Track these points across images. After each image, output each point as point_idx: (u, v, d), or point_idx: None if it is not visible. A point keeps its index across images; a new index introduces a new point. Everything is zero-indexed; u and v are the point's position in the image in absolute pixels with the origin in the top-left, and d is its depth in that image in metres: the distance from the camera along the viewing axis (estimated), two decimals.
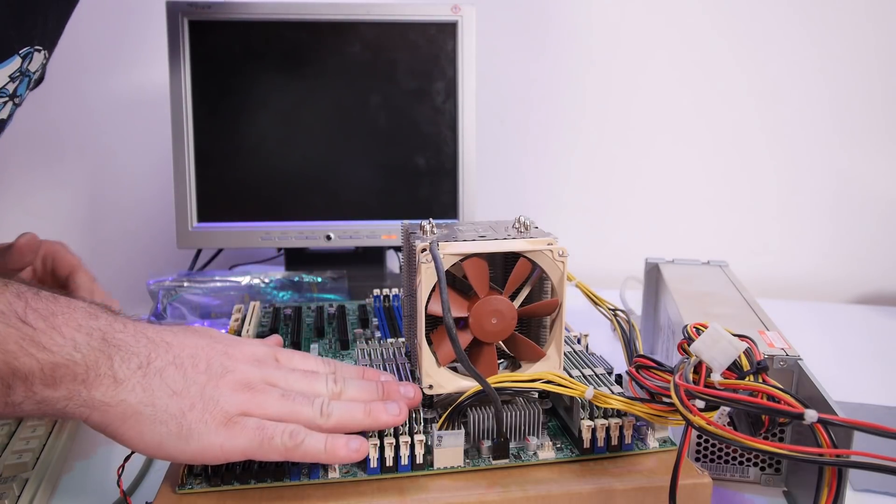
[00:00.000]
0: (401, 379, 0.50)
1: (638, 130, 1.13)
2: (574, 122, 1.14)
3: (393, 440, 0.44)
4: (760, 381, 0.40)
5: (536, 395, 0.49)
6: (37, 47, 0.57)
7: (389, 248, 1.01)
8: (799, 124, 1.08)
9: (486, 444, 0.46)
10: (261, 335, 0.66)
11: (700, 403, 0.40)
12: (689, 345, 0.42)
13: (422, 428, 0.44)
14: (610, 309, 0.56)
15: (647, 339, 0.78)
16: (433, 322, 0.47)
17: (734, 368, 0.41)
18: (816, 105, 1.07)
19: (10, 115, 0.60)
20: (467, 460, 0.45)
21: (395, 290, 0.77)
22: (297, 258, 0.99)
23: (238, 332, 0.67)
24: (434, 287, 0.45)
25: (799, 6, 1.05)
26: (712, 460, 0.51)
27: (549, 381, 0.45)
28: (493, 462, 0.45)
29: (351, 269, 0.95)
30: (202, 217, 0.92)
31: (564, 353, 0.53)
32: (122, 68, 1.21)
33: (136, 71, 1.16)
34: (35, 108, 1.20)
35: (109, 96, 1.19)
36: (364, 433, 0.45)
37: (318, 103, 0.92)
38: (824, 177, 1.09)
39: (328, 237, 0.93)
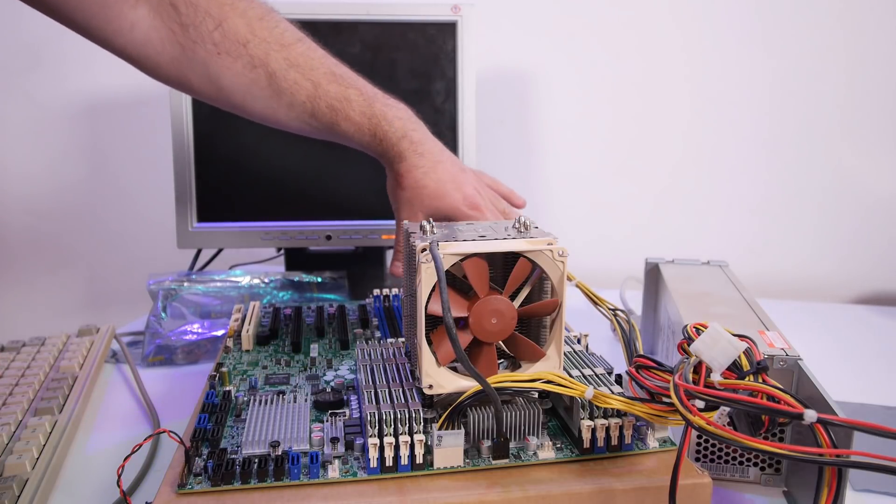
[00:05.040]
0: (400, 379, 0.50)
1: (638, 130, 1.13)
2: (574, 122, 1.14)
3: (393, 440, 0.44)
4: (760, 381, 0.40)
5: (536, 395, 0.49)
6: None
7: (389, 248, 1.01)
8: (800, 124, 1.08)
9: (486, 444, 0.46)
10: (261, 335, 0.66)
11: (700, 403, 0.40)
12: (689, 345, 0.42)
13: (422, 428, 0.44)
14: (610, 309, 0.56)
15: (647, 339, 0.78)
16: (433, 322, 0.47)
17: (734, 368, 0.41)
18: (817, 105, 1.07)
19: None
20: (467, 460, 0.45)
21: (395, 290, 0.77)
22: (297, 258, 0.99)
23: (238, 333, 0.67)
24: (434, 287, 0.45)
25: (799, 7, 1.05)
26: (712, 460, 0.51)
27: (549, 381, 0.45)
28: (493, 462, 0.45)
29: (351, 269, 0.95)
30: (202, 217, 0.92)
31: (564, 353, 0.53)
32: (122, 68, 1.21)
33: (136, 71, 1.17)
34: (35, 107, 1.20)
35: (109, 96, 1.19)
36: (363, 433, 0.45)
37: None
38: (825, 177, 1.09)
39: (328, 237, 0.93)
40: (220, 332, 0.79)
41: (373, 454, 0.43)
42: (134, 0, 0.58)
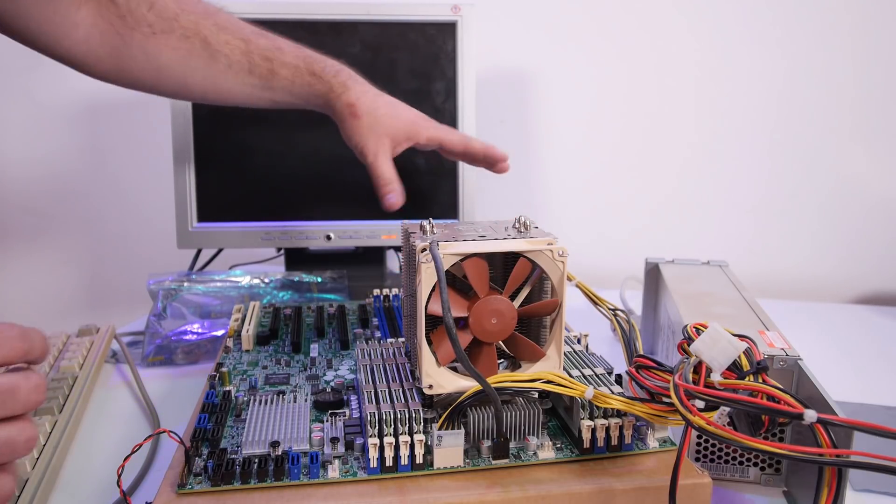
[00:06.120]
0: (400, 379, 0.50)
1: (639, 130, 1.13)
2: (574, 122, 1.14)
3: (393, 440, 0.44)
4: (760, 381, 0.40)
5: (536, 395, 0.49)
6: None
7: (389, 248, 1.01)
8: (800, 124, 1.08)
9: (486, 444, 0.46)
10: (261, 335, 0.66)
11: (700, 403, 0.40)
12: (689, 345, 0.42)
13: (422, 428, 0.44)
14: (610, 309, 0.56)
15: (647, 339, 0.78)
16: (433, 322, 0.47)
17: (734, 368, 0.41)
18: (818, 105, 1.07)
19: None
20: (467, 460, 0.45)
21: (395, 290, 0.77)
22: (297, 258, 0.99)
23: (238, 333, 0.67)
24: (434, 287, 0.45)
25: (800, 8, 1.05)
26: (712, 460, 0.51)
27: (549, 381, 0.45)
28: (493, 462, 0.45)
29: (351, 269, 0.95)
30: (202, 217, 0.92)
31: (564, 353, 0.53)
32: None
33: None
34: (35, 107, 1.20)
35: (109, 96, 1.19)
36: (363, 433, 0.45)
37: None
38: (824, 177, 1.09)
39: (328, 237, 0.93)
40: (220, 332, 0.79)
41: (373, 454, 0.43)
42: (79, 2, 0.61)
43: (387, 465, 0.44)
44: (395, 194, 0.70)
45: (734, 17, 1.07)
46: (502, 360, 0.50)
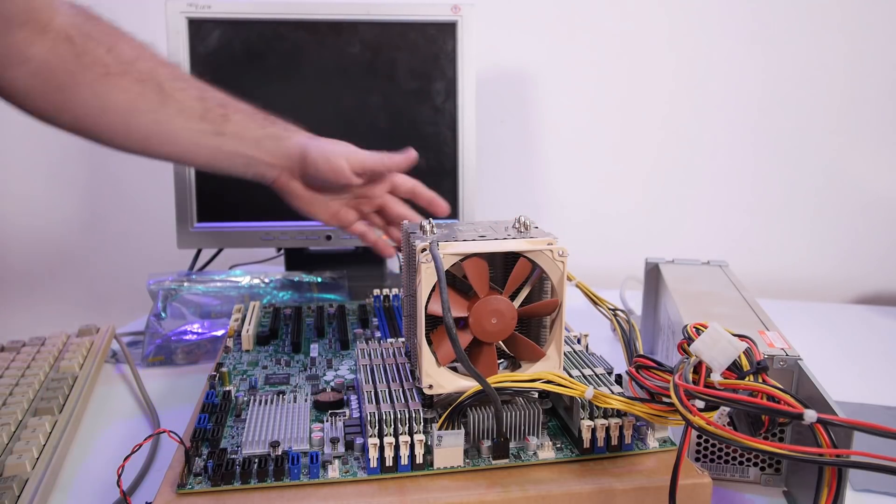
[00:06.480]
0: (400, 379, 0.50)
1: (638, 130, 1.13)
2: (574, 122, 1.14)
3: (393, 440, 0.44)
4: (760, 381, 0.40)
5: (536, 395, 0.49)
6: None
7: None
8: (800, 124, 1.08)
9: (486, 443, 0.46)
10: (261, 335, 0.66)
11: (700, 403, 0.40)
12: (689, 345, 0.42)
13: (422, 428, 0.44)
14: (610, 309, 0.56)
15: (647, 339, 0.78)
16: (433, 322, 0.47)
17: (734, 368, 0.41)
18: (818, 104, 1.07)
19: None
20: (467, 460, 0.45)
21: (395, 290, 0.77)
22: (297, 258, 0.99)
23: (238, 333, 0.67)
24: (434, 287, 0.45)
25: (797, 8, 1.05)
26: (712, 460, 0.51)
27: (549, 381, 0.45)
28: (493, 462, 0.45)
29: (351, 269, 0.95)
30: (202, 217, 0.92)
31: (564, 353, 0.53)
32: None
33: None
34: None
35: None
36: (363, 433, 0.45)
37: (318, 103, 0.92)
38: (824, 177, 1.09)
39: (328, 237, 0.93)
40: (220, 332, 0.79)
41: (373, 454, 0.43)
42: (31, 39, 0.60)
43: (387, 465, 0.44)
44: (410, 150, 0.73)
45: (734, 16, 1.07)
46: (502, 360, 0.50)
